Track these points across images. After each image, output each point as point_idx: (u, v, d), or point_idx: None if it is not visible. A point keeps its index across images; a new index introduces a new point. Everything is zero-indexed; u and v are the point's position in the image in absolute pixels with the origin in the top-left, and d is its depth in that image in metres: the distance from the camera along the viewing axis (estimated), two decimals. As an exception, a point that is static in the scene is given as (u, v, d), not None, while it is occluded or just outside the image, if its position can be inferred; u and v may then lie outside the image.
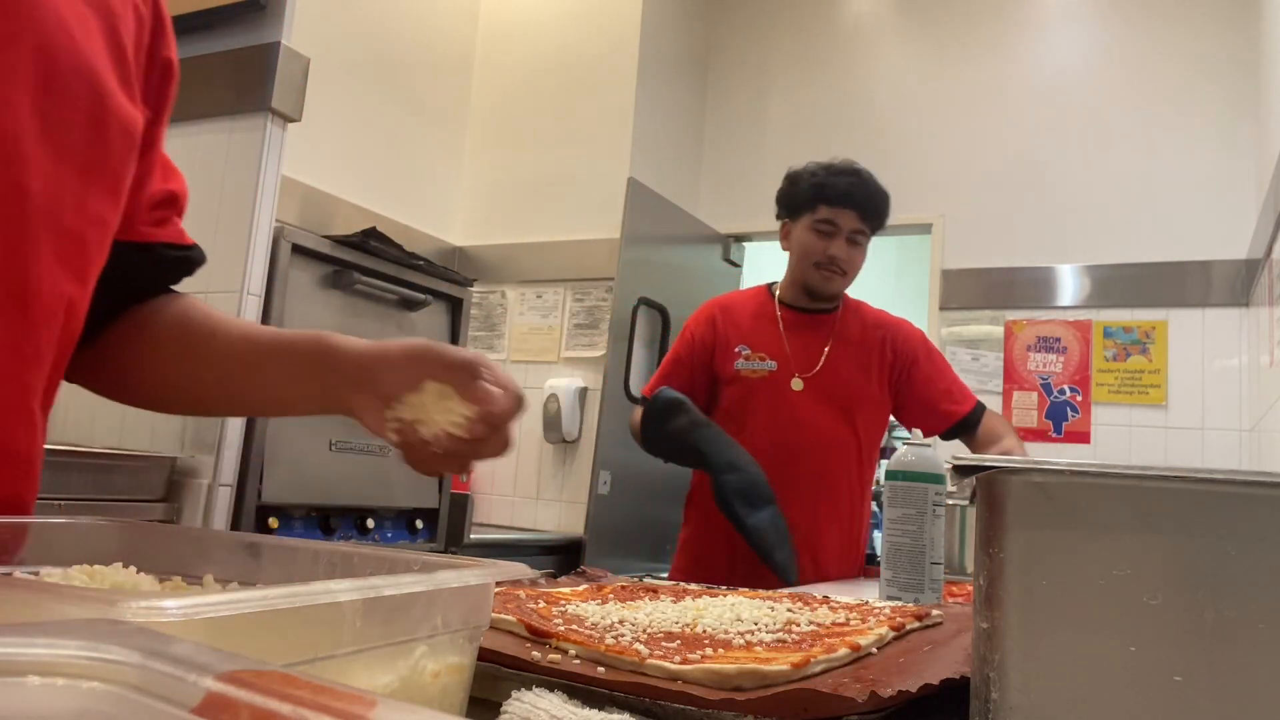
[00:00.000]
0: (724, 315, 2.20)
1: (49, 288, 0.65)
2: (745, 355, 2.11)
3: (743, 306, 2.24)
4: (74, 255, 0.67)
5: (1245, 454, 3.09)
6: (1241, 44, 3.33)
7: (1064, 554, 0.48)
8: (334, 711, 0.21)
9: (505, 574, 0.51)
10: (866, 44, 4.02)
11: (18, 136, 0.61)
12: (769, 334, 2.13)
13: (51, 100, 0.63)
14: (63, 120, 0.64)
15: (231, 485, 2.07)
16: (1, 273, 0.61)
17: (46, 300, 0.65)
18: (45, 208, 0.63)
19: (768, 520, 1.78)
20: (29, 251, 0.63)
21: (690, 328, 2.23)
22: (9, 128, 0.61)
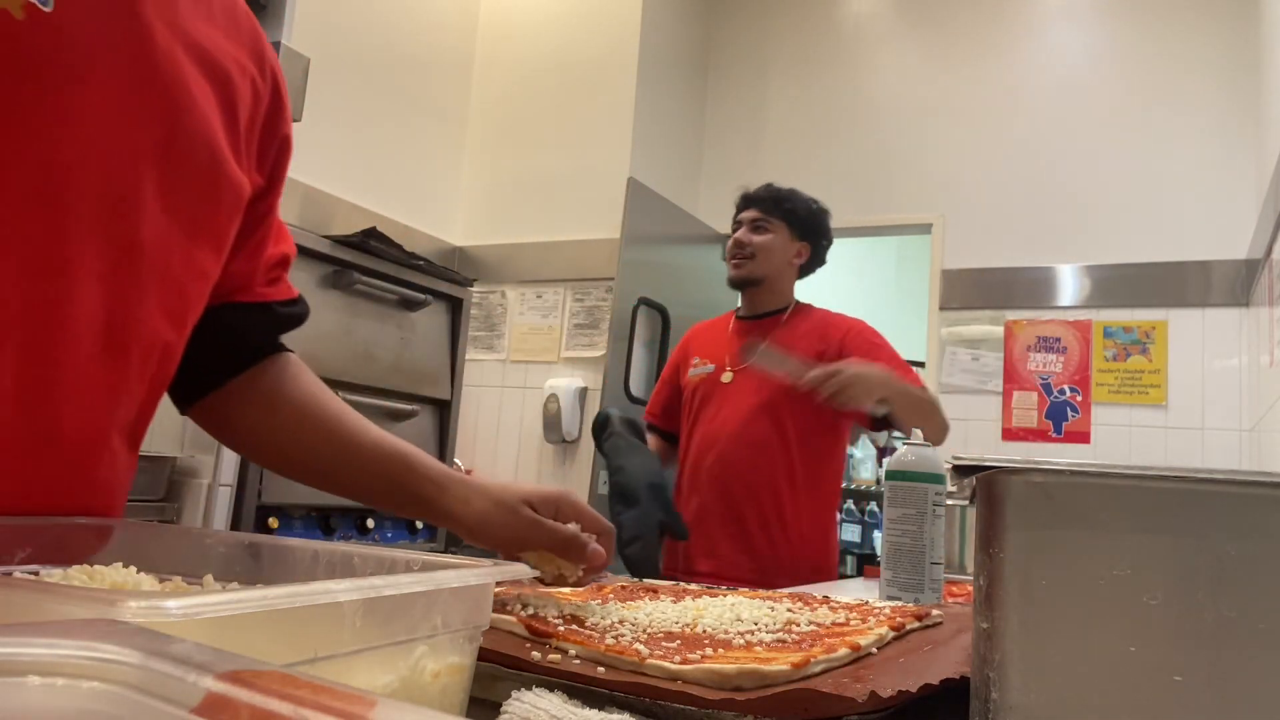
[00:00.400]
0: (693, 335, 2.34)
1: (149, 332, 0.70)
2: (695, 364, 2.23)
3: (712, 325, 2.34)
4: (175, 304, 0.72)
5: (1245, 454, 3.10)
6: (1241, 44, 3.33)
7: (1064, 554, 0.48)
8: (334, 711, 0.21)
9: (505, 574, 0.51)
10: (866, 44, 4.02)
11: (138, 191, 0.66)
12: (718, 341, 2.24)
13: (171, 161, 0.68)
14: (180, 180, 0.69)
15: (231, 485, 2.07)
16: (109, 316, 0.66)
17: (145, 344, 0.70)
18: (155, 259, 0.68)
19: (630, 517, 1.91)
20: (136, 299, 0.68)
21: (674, 351, 2.38)
22: (131, 183, 0.66)
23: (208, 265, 0.75)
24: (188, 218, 0.71)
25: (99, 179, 0.63)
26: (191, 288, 0.74)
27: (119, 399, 0.69)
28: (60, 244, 0.62)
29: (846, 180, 3.92)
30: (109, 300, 0.66)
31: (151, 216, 0.67)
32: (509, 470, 3.57)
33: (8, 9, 0.58)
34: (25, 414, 0.62)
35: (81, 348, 0.64)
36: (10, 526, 0.57)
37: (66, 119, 0.61)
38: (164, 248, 0.69)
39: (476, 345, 3.71)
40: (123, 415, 0.71)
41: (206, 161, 0.72)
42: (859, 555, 5.29)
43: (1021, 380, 3.51)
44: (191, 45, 0.71)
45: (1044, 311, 3.51)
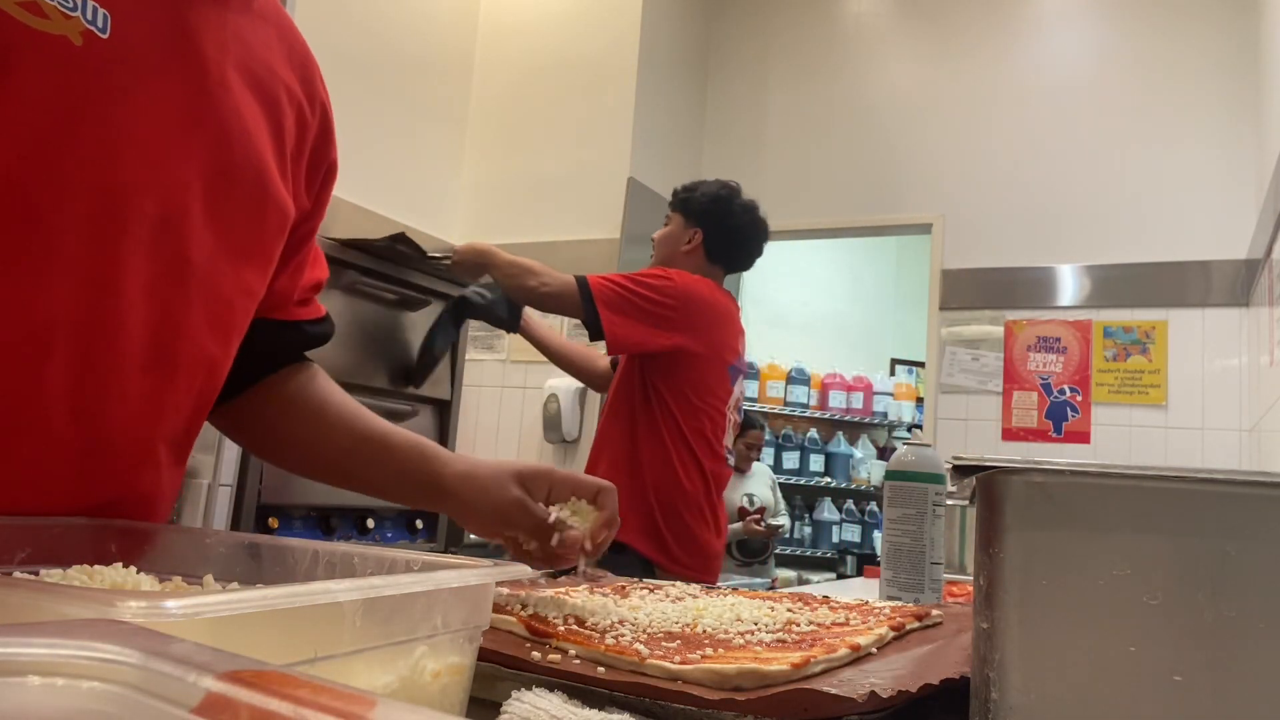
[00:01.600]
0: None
1: (195, 349, 0.72)
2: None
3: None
4: (222, 321, 0.74)
5: (1245, 454, 3.10)
6: (1241, 45, 3.33)
7: (1064, 554, 0.48)
8: (334, 711, 0.21)
9: (505, 574, 0.51)
10: (866, 44, 4.02)
11: (187, 212, 0.68)
12: None
13: (222, 183, 0.70)
14: (229, 201, 0.71)
15: (231, 485, 2.07)
16: (157, 331, 0.68)
17: (190, 361, 0.72)
18: (203, 278, 0.70)
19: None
20: (183, 315, 0.70)
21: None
22: (181, 204, 0.68)
23: (254, 284, 0.77)
24: (235, 238, 0.73)
25: (152, 200, 0.65)
26: (238, 305, 0.76)
27: (165, 411, 0.71)
28: (114, 261, 0.64)
29: (846, 180, 3.92)
30: (157, 316, 0.68)
31: (199, 236, 0.69)
32: (509, 470, 3.57)
33: (67, 35, 0.60)
34: (77, 424, 0.64)
35: (130, 361, 0.67)
36: (10, 526, 0.57)
37: (122, 142, 0.63)
38: (211, 266, 0.71)
39: (476, 345, 3.71)
40: (169, 428, 0.73)
41: (254, 183, 0.73)
42: (859, 555, 5.30)
43: (1021, 380, 3.51)
44: (243, 69, 0.73)
45: (1044, 311, 3.51)
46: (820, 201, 3.96)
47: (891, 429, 5.67)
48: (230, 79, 0.71)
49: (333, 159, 0.89)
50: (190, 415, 0.76)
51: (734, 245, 2.32)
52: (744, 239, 2.33)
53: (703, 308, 2.22)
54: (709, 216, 2.29)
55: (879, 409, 5.62)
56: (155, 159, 0.65)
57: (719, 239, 2.30)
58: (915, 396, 5.56)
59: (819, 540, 5.41)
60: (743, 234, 2.33)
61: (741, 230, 2.32)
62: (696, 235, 2.29)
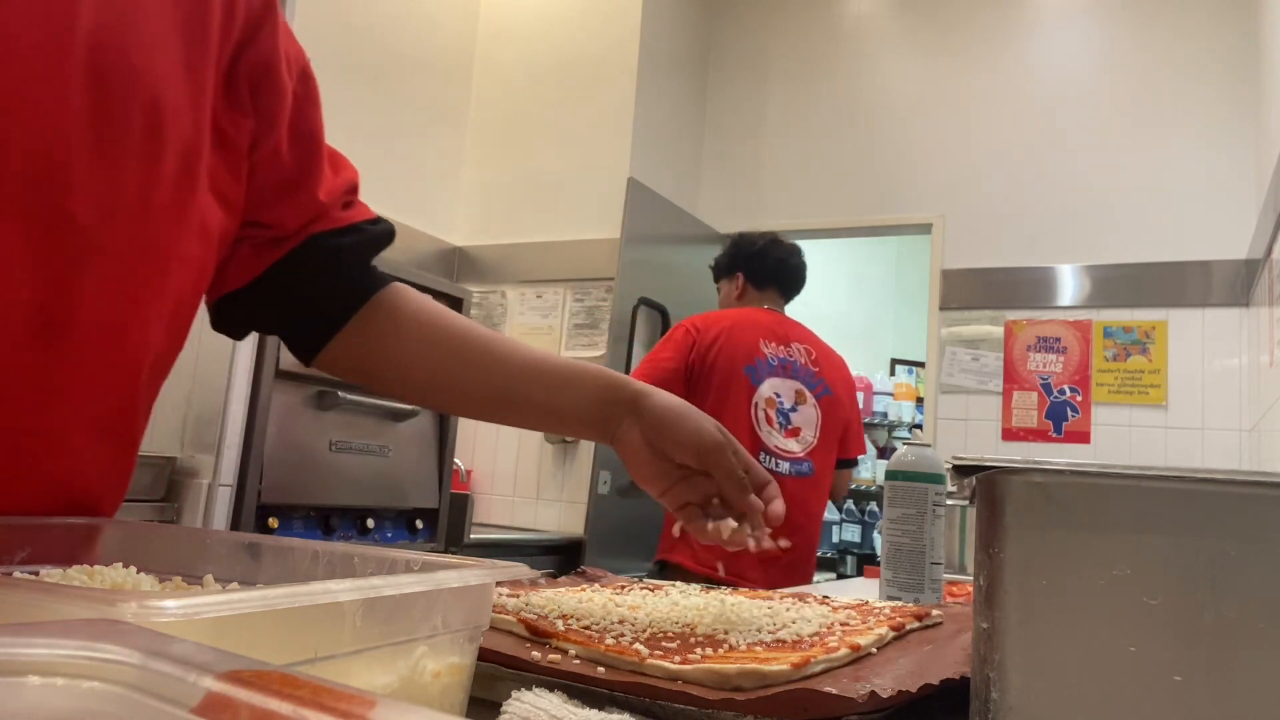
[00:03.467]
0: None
1: (93, 317, 0.63)
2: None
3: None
4: (128, 282, 0.64)
5: (1245, 454, 3.09)
6: (1241, 45, 3.33)
7: (1064, 554, 0.48)
8: (334, 711, 0.21)
9: (505, 574, 0.51)
10: (866, 44, 4.02)
11: (68, 163, 0.59)
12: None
13: (105, 123, 0.61)
14: (115, 143, 0.62)
15: (231, 485, 2.07)
16: (40, 302, 0.60)
17: (89, 329, 0.63)
18: (94, 235, 0.61)
19: None
20: (71, 281, 0.61)
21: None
22: (60, 156, 0.59)
23: (162, 234, 0.66)
24: (133, 184, 0.63)
25: (21, 154, 0.58)
26: (147, 264, 0.65)
27: (57, 393, 0.63)
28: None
29: (846, 180, 3.92)
30: (39, 284, 0.59)
31: (84, 189, 0.60)
32: (509, 470, 3.57)
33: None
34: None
35: (8, 337, 0.59)
36: (10, 526, 0.57)
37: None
38: (105, 222, 0.62)
39: (476, 345, 3.71)
40: (81, 408, 0.64)
41: (146, 114, 0.62)
42: (859, 555, 5.30)
43: (1021, 380, 3.51)
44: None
45: (1044, 311, 3.51)
46: (820, 201, 3.96)
47: (891, 429, 5.67)
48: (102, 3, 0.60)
49: (270, 56, 0.73)
50: (119, 394, 0.67)
51: (768, 264, 2.58)
52: (771, 254, 2.58)
53: (702, 326, 2.44)
54: (736, 264, 2.60)
55: (879, 409, 5.62)
56: (22, 108, 0.57)
57: (756, 272, 2.58)
58: (915, 396, 5.56)
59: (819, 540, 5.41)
60: (768, 252, 2.58)
61: (766, 250, 2.58)
62: (739, 278, 2.59)
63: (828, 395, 2.46)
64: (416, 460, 2.57)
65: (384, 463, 2.43)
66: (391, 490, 2.47)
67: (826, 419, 2.44)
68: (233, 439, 2.07)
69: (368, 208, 0.87)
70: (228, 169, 0.71)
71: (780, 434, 2.37)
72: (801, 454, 2.39)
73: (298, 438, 2.23)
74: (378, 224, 0.87)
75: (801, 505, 2.35)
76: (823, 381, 2.47)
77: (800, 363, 2.46)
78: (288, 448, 2.20)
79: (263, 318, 0.83)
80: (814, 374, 2.47)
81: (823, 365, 2.50)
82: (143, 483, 1.98)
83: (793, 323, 2.60)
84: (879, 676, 0.58)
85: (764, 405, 2.37)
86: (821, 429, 2.43)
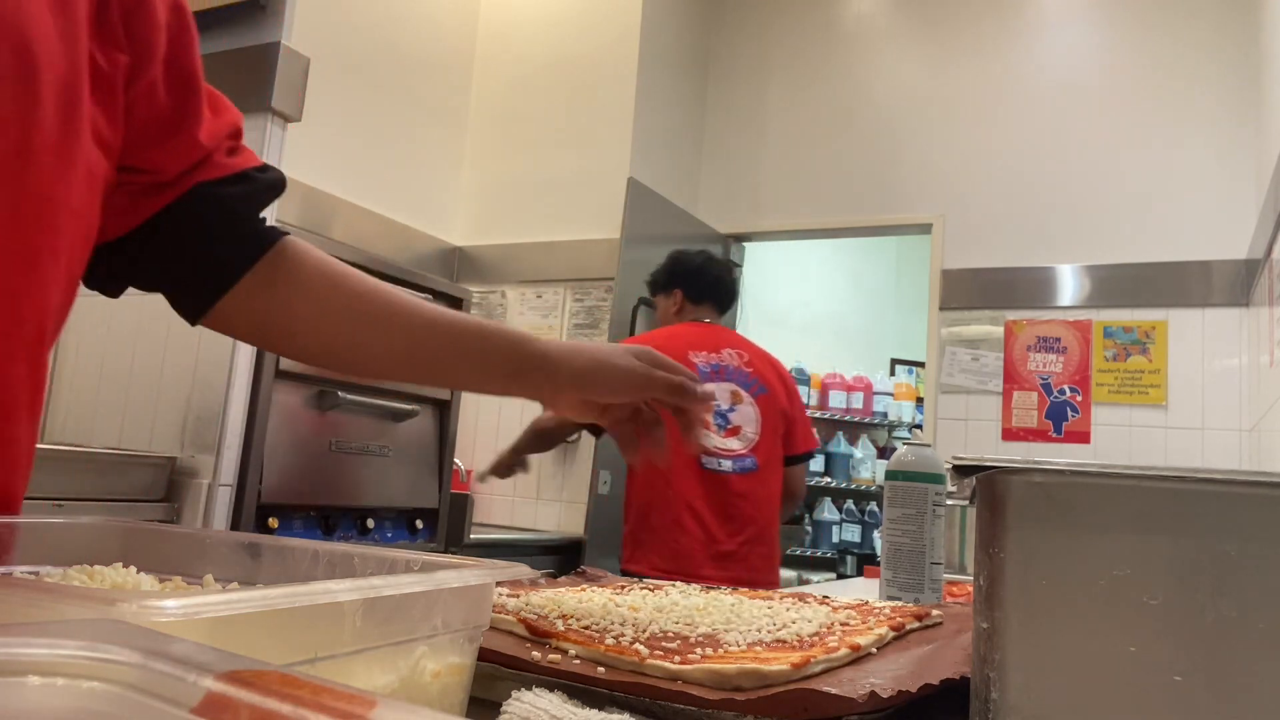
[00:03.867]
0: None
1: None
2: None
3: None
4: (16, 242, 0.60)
5: (1245, 454, 3.09)
6: (1242, 45, 3.33)
7: (1064, 554, 0.48)
8: (334, 711, 0.21)
9: (505, 574, 0.51)
10: (867, 44, 4.02)
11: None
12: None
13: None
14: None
15: (231, 485, 2.07)
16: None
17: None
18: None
19: None
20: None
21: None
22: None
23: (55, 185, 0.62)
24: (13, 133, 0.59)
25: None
26: (37, 219, 0.61)
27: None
28: None
29: (846, 180, 3.92)
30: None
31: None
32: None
33: None
34: None
35: None
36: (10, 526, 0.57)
37: None
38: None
39: (476, 345, 3.71)
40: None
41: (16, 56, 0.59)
42: (859, 555, 5.30)
43: (1021, 380, 3.51)
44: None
45: (1044, 311, 3.51)
46: (820, 201, 3.96)
47: (891, 429, 5.67)
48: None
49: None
50: (26, 364, 0.63)
51: (706, 281, 2.69)
52: (709, 271, 2.70)
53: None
54: (676, 276, 2.69)
55: (879, 409, 5.62)
56: None
57: (693, 288, 2.67)
58: (915, 396, 5.55)
59: (819, 540, 5.41)
60: (706, 269, 2.70)
61: (704, 268, 2.70)
62: (677, 294, 2.67)
63: (763, 393, 2.56)
64: (416, 460, 2.57)
65: (384, 463, 2.43)
66: (391, 490, 2.47)
67: (766, 414, 2.54)
68: (233, 439, 2.07)
69: (254, 154, 0.81)
70: (104, 111, 0.67)
71: (719, 435, 2.48)
72: (744, 450, 2.49)
73: (298, 438, 2.23)
74: (266, 171, 0.81)
75: (749, 499, 2.45)
76: (757, 380, 2.57)
77: (732, 366, 2.57)
78: (288, 448, 2.20)
79: (143, 273, 0.77)
80: (748, 374, 2.57)
81: (756, 365, 2.60)
82: (143, 483, 1.98)
83: (725, 330, 2.71)
84: (879, 676, 0.58)
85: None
86: (762, 425, 2.53)
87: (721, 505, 2.42)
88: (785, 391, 2.63)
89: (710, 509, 2.41)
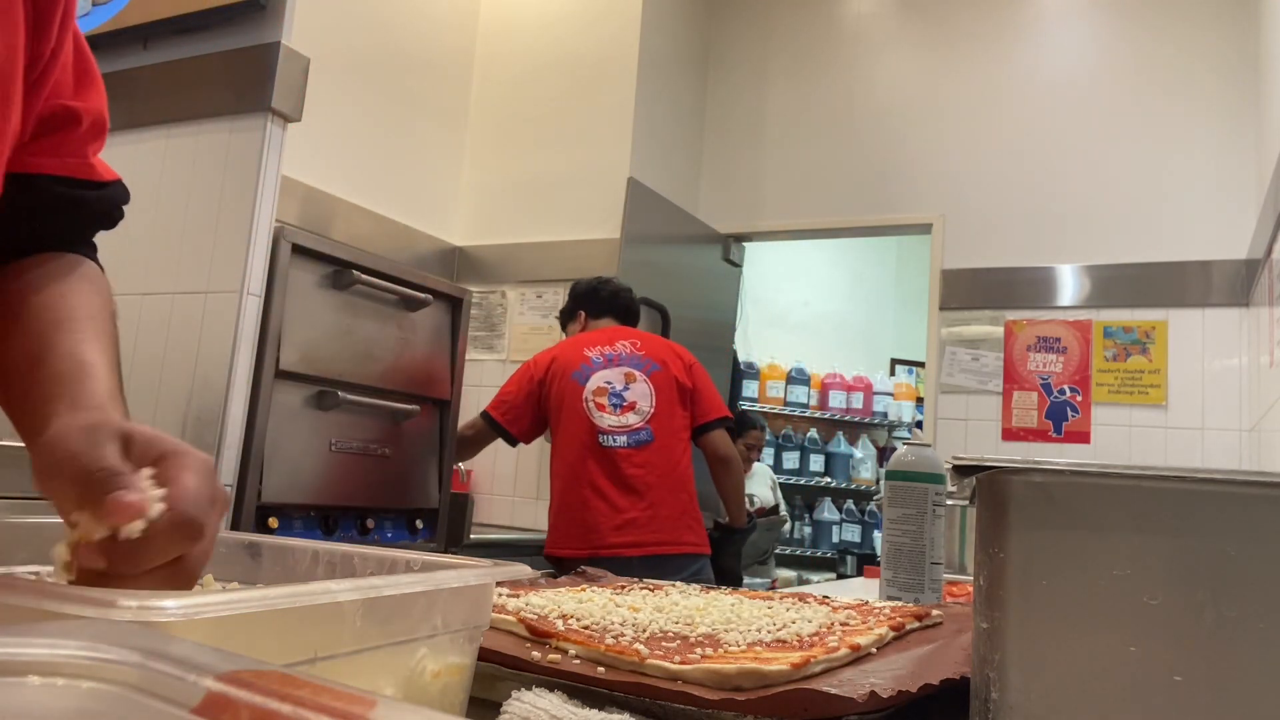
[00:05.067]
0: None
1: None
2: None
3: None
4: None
5: (1245, 454, 3.09)
6: (1242, 44, 3.33)
7: (1064, 554, 0.48)
8: (334, 711, 0.21)
9: (505, 574, 0.51)
10: (867, 44, 4.02)
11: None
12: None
13: None
14: None
15: (231, 485, 2.07)
16: None
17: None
18: None
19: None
20: None
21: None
22: None
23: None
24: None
25: None
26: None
27: None
28: None
29: (846, 180, 3.92)
30: None
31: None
32: (509, 470, 3.57)
33: None
34: None
35: None
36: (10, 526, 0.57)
37: None
38: None
39: (476, 345, 3.71)
40: None
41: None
42: (859, 555, 5.30)
43: (1021, 380, 3.51)
44: None
45: (1044, 311, 3.51)
46: (820, 201, 3.96)
47: (891, 429, 5.67)
48: None
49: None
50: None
51: (601, 297, 2.95)
52: (601, 290, 2.97)
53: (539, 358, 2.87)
54: (576, 300, 2.97)
55: (879, 409, 5.62)
56: None
57: (589, 304, 2.96)
58: (915, 396, 5.56)
59: (819, 540, 5.41)
60: (598, 289, 2.97)
61: (596, 288, 2.97)
62: (580, 316, 2.94)
63: (656, 370, 2.75)
64: (416, 460, 2.57)
65: (384, 463, 2.43)
66: (391, 490, 2.47)
67: (660, 388, 2.72)
68: (233, 439, 2.07)
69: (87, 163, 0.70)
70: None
71: (614, 414, 2.68)
72: (639, 424, 2.67)
73: (298, 438, 2.23)
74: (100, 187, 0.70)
75: (648, 468, 2.63)
76: (650, 360, 2.76)
77: (625, 353, 2.78)
78: (288, 448, 2.20)
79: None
80: (640, 356, 2.77)
81: (650, 348, 2.80)
82: (143, 483, 1.98)
83: (625, 329, 2.91)
84: (879, 676, 0.58)
85: (593, 396, 2.71)
86: (657, 398, 2.71)
87: (620, 478, 2.60)
88: (683, 367, 2.80)
89: (610, 482, 2.60)
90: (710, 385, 2.87)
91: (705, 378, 2.86)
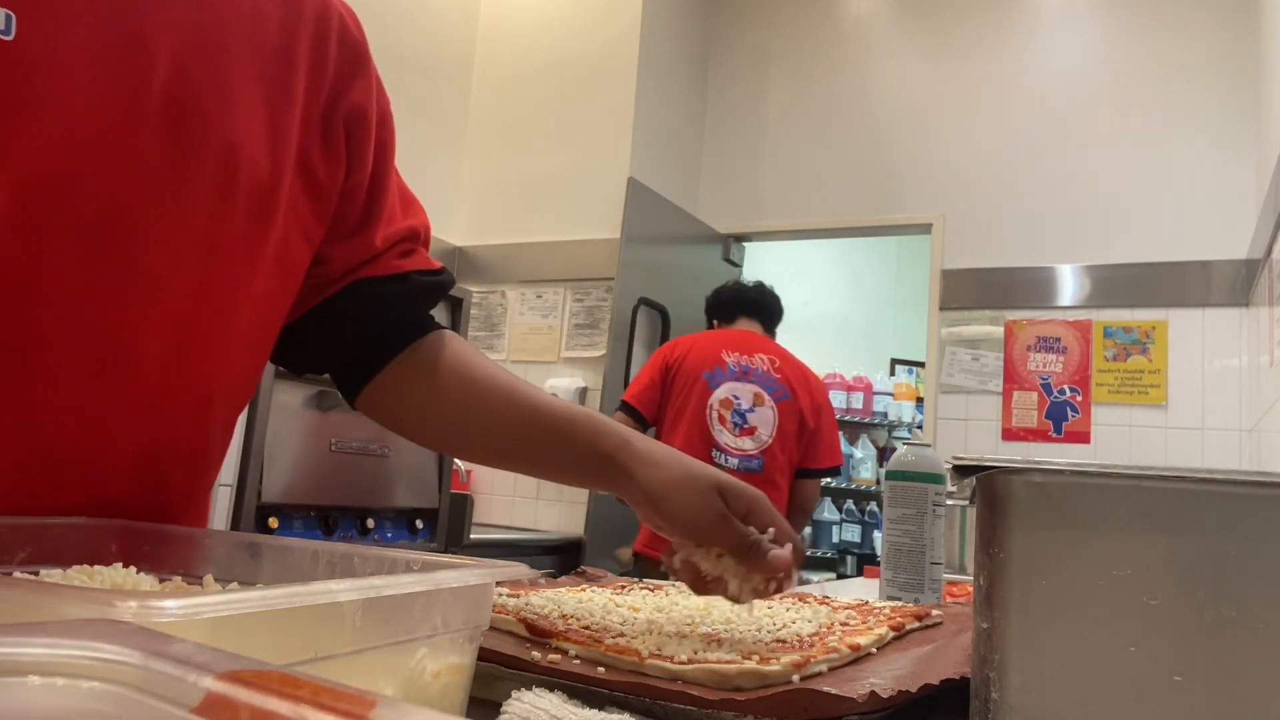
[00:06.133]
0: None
1: (153, 349, 0.66)
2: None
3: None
4: (190, 316, 0.67)
5: (1245, 454, 3.09)
6: (1241, 44, 3.33)
7: (1064, 554, 0.48)
8: (334, 711, 0.21)
9: (505, 574, 0.51)
10: (867, 44, 4.02)
11: (137, 207, 0.62)
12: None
13: (178, 170, 0.63)
14: (187, 187, 0.64)
15: (231, 485, 2.07)
16: (104, 340, 0.63)
17: (149, 361, 0.66)
18: (160, 277, 0.64)
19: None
20: (135, 321, 0.64)
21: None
22: (129, 203, 0.61)
23: (237, 273, 0.69)
24: (201, 227, 0.66)
25: (93, 203, 0.60)
26: (213, 300, 0.69)
27: (123, 422, 0.66)
28: (35, 271, 0.59)
29: (846, 180, 3.92)
30: (105, 323, 0.63)
31: (154, 235, 0.63)
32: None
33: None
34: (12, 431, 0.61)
35: (73, 369, 0.62)
36: (10, 526, 0.57)
37: (43, 146, 0.58)
38: (173, 265, 0.65)
39: (476, 345, 3.70)
40: (147, 432, 0.68)
41: (219, 160, 0.65)
42: (859, 555, 5.29)
43: (1021, 380, 3.51)
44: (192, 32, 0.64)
45: (1044, 311, 3.51)
46: (820, 201, 3.96)
47: (891, 429, 5.67)
48: (180, 52, 0.63)
49: (363, 105, 0.78)
50: (188, 420, 0.70)
51: (721, 299, 2.97)
52: (723, 293, 2.99)
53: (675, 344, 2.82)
54: (707, 313, 3.01)
55: (879, 409, 5.62)
56: (86, 157, 0.60)
57: (716, 311, 2.97)
58: (915, 396, 5.55)
59: (819, 540, 5.41)
60: (720, 293, 3.00)
61: (720, 291, 3.00)
62: (714, 324, 2.95)
63: (785, 399, 2.65)
64: (416, 460, 2.57)
65: (384, 463, 2.43)
66: (391, 490, 2.47)
67: (783, 419, 2.63)
68: (233, 439, 2.07)
69: (428, 258, 0.86)
70: (313, 211, 0.74)
71: (734, 433, 2.61)
72: (755, 451, 2.60)
73: (298, 438, 2.23)
74: (432, 274, 0.85)
75: None
76: (783, 386, 2.66)
77: (761, 369, 2.68)
78: (288, 448, 2.20)
79: (309, 356, 0.86)
80: (775, 379, 2.67)
81: (786, 373, 2.69)
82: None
83: (767, 340, 2.81)
84: (879, 676, 0.58)
85: (718, 407, 2.63)
86: (777, 429, 2.62)
87: None
88: (811, 404, 2.70)
89: None
90: (834, 432, 2.80)
91: (831, 422, 2.80)
